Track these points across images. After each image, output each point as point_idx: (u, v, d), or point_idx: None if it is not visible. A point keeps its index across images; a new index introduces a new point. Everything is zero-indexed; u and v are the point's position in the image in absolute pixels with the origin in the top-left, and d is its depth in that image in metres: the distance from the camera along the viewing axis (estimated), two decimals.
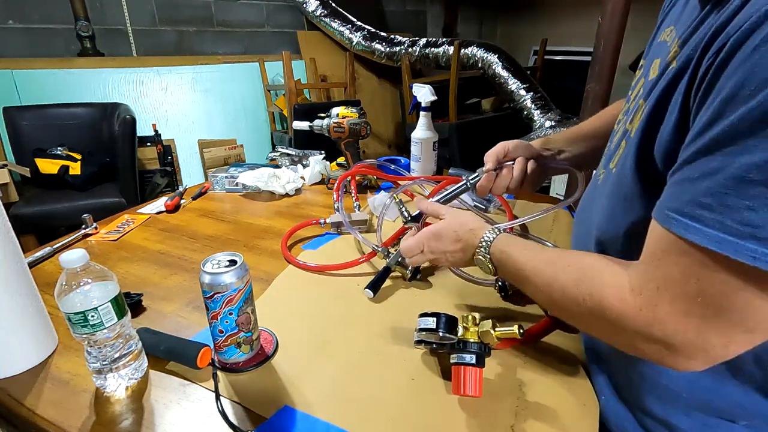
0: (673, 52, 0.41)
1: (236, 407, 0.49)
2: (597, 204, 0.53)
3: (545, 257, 0.47)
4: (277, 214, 1.06)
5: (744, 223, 0.29)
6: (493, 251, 0.53)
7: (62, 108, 2.42)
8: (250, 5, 3.37)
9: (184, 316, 0.66)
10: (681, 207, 0.32)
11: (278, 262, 0.81)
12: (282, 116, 3.48)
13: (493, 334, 0.50)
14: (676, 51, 0.41)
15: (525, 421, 0.46)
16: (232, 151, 3.07)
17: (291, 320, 0.64)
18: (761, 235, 0.28)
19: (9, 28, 2.41)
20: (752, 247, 0.28)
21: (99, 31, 2.68)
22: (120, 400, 0.50)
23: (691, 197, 0.32)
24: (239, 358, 0.54)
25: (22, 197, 2.20)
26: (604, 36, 1.83)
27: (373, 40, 3.44)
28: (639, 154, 0.42)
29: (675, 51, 0.41)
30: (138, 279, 0.76)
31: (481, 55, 3.07)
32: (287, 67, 2.86)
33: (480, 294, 0.70)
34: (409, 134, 1.25)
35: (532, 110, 2.97)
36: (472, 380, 0.47)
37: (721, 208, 0.30)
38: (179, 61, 3.00)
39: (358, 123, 1.16)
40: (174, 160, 2.91)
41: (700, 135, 0.32)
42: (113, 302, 0.48)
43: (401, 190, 1.01)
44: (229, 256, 0.52)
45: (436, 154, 1.22)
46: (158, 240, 0.92)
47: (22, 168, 2.19)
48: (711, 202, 0.30)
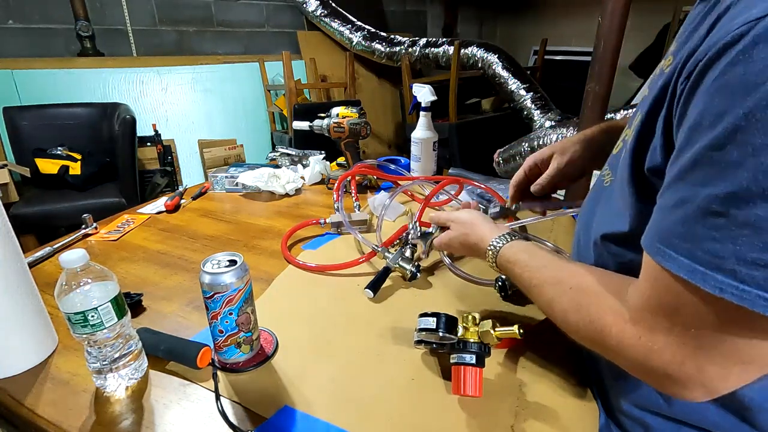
0: (668, 60, 0.40)
1: (236, 407, 0.49)
2: (600, 205, 0.52)
3: (548, 276, 0.46)
4: (277, 214, 1.06)
5: (711, 253, 0.28)
6: (500, 262, 0.53)
7: (62, 108, 2.42)
8: (250, 5, 3.37)
9: (184, 316, 0.66)
10: (661, 235, 0.32)
11: (278, 262, 0.81)
12: (282, 116, 3.48)
13: (493, 334, 0.50)
14: (669, 60, 0.40)
15: (525, 421, 0.46)
16: (232, 151, 3.07)
17: (291, 320, 0.64)
18: (726, 266, 0.28)
19: (9, 28, 2.41)
20: (719, 278, 0.28)
21: (99, 31, 2.68)
22: (120, 400, 0.50)
23: (668, 225, 0.32)
24: (239, 358, 0.54)
25: (22, 197, 2.20)
26: (604, 36, 1.83)
27: (373, 40, 3.44)
28: (633, 164, 0.41)
29: (669, 60, 0.40)
30: (138, 279, 0.76)
31: (481, 55, 3.07)
32: (287, 67, 2.86)
33: (480, 294, 0.70)
34: (409, 134, 1.25)
35: (532, 110, 2.97)
36: (472, 380, 0.47)
37: (691, 237, 0.30)
38: (179, 61, 3.00)
39: (358, 123, 1.16)
40: (174, 160, 2.91)
41: (676, 160, 0.32)
42: (113, 302, 0.48)
43: (401, 191, 1.01)
44: (229, 256, 0.52)
45: (436, 154, 1.22)
46: (158, 240, 0.92)
47: (22, 168, 2.19)
48: (683, 231, 0.30)
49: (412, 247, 0.78)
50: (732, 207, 0.27)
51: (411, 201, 1.12)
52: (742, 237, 0.27)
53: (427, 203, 0.89)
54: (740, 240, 0.27)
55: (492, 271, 0.57)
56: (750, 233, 0.26)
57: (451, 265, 0.75)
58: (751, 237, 0.26)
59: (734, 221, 0.27)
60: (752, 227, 0.26)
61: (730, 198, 0.27)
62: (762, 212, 0.26)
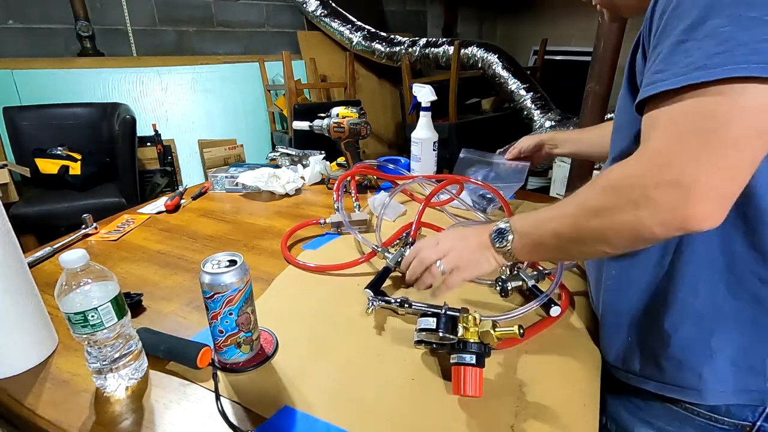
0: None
1: (236, 407, 0.49)
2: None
3: (569, 206, 0.47)
4: (277, 214, 1.06)
5: (685, 65, 0.38)
6: (520, 231, 0.52)
7: (62, 108, 2.42)
8: (250, 5, 3.37)
9: (184, 316, 0.66)
10: (647, 82, 0.41)
11: (278, 262, 0.81)
12: (282, 116, 3.48)
13: (493, 334, 0.50)
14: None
15: (525, 421, 0.46)
16: (232, 151, 3.07)
17: (291, 320, 0.64)
18: (699, 64, 0.37)
19: (9, 28, 2.41)
20: (695, 74, 0.37)
21: (99, 31, 2.68)
22: (120, 400, 0.50)
23: (652, 71, 0.41)
24: (239, 358, 0.54)
25: (22, 197, 2.20)
26: (604, 36, 1.83)
27: (373, 40, 3.43)
28: (629, 84, 0.50)
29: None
30: (138, 279, 0.76)
31: (481, 55, 3.07)
32: (287, 67, 2.86)
33: (480, 294, 0.70)
34: (409, 134, 1.25)
35: (532, 110, 2.97)
36: (472, 380, 0.47)
37: (669, 65, 0.39)
38: (179, 61, 3.00)
39: (358, 123, 1.16)
40: (174, 160, 2.91)
41: (653, 50, 0.42)
42: (113, 302, 0.48)
43: (400, 189, 1.01)
44: (229, 256, 0.52)
45: (436, 154, 1.22)
46: (158, 240, 0.92)
47: (22, 168, 2.19)
48: (663, 67, 0.40)
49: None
50: (692, 32, 0.37)
51: (411, 201, 1.12)
52: (705, 43, 0.37)
53: (427, 203, 0.89)
54: (703, 45, 0.37)
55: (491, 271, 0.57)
56: (709, 39, 0.36)
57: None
58: (710, 41, 0.36)
59: (697, 38, 0.37)
60: (709, 36, 0.36)
61: (689, 28, 0.38)
62: (714, 25, 0.36)
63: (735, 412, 0.49)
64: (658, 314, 0.50)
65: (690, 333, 0.48)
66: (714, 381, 0.48)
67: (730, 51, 0.35)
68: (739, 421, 0.49)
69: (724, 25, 0.36)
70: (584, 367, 0.55)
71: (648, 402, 0.54)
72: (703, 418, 0.50)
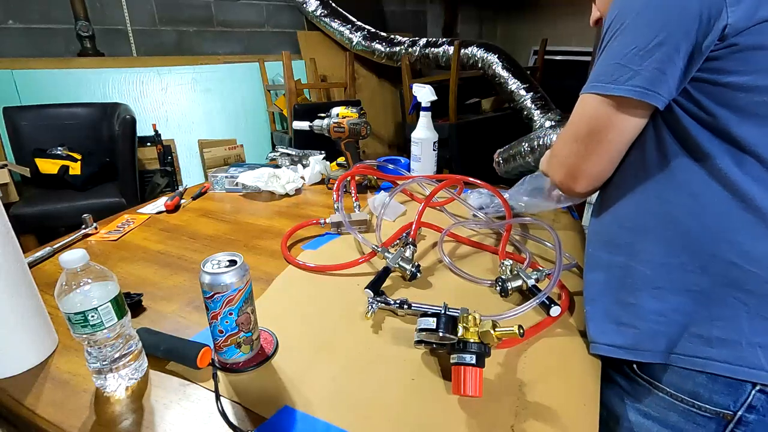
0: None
1: (236, 407, 0.49)
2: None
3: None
4: (277, 214, 1.06)
5: (598, 78, 0.52)
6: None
7: (62, 108, 2.42)
8: (250, 5, 3.36)
9: (184, 316, 0.66)
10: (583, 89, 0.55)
11: (278, 262, 0.81)
12: (282, 116, 3.47)
13: (493, 334, 0.50)
14: None
15: (525, 421, 0.47)
16: (232, 151, 3.07)
17: (291, 320, 0.64)
18: (600, 80, 0.52)
19: (9, 28, 2.41)
20: (596, 84, 0.52)
21: (99, 31, 2.68)
22: (120, 400, 0.50)
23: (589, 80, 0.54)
24: (239, 358, 0.54)
25: (22, 197, 2.20)
26: None
27: (373, 40, 3.43)
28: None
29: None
30: (138, 279, 0.76)
31: (481, 55, 3.07)
32: (287, 67, 2.86)
33: (480, 294, 0.70)
34: (409, 134, 1.25)
35: (532, 110, 2.97)
36: (472, 380, 0.47)
37: (594, 77, 0.52)
38: (179, 61, 2.99)
39: (358, 123, 1.16)
40: (174, 160, 2.91)
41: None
42: (113, 302, 0.48)
43: (400, 189, 1.01)
44: (229, 256, 0.52)
45: (436, 154, 1.22)
46: (158, 240, 0.92)
47: (22, 168, 2.19)
48: (590, 79, 0.53)
49: (412, 247, 0.78)
50: (602, 53, 0.52)
51: (410, 201, 1.12)
52: (605, 59, 0.51)
53: (427, 203, 0.89)
54: (605, 62, 0.51)
55: (492, 271, 0.57)
56: (605, 56, 0.51)
57: (451, 264, 0.76)
58: (606, 58, 0.51)
59: (604, 57, 0.52)
60: (606, 52, 0.51)
61: (605, 50, 0.52)
62: (613, 44, 0.51)
63: (717, 400, 0.50)
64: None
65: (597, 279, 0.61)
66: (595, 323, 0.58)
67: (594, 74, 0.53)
68: (721, 409, 0.50)
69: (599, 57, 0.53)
70: (584, 367, 0.55)
71: (632, 384, 0.57)
72: (686, 404, 0.52)
